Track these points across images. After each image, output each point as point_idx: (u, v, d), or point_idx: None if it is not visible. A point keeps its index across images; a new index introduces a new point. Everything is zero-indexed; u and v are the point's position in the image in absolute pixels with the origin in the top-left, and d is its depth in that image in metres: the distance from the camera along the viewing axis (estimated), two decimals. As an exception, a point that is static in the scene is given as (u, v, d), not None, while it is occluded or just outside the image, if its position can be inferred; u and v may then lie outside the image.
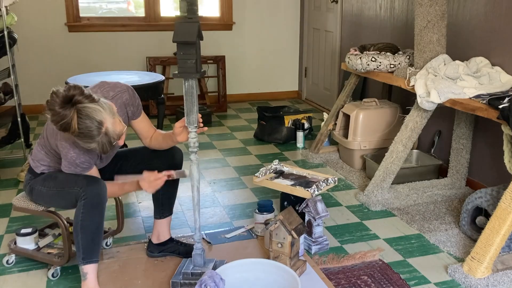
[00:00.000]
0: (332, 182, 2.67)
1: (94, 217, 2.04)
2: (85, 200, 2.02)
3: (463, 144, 3.22)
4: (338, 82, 5.17)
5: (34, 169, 2.19)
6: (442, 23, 3.06)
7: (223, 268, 2.03)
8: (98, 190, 2.04)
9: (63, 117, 1.83)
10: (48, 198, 2.17)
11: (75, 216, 2.05)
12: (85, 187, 2.02)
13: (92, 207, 2.03)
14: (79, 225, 2.03)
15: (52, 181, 2.13)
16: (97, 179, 2.09)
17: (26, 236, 2.40)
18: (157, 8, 5.45)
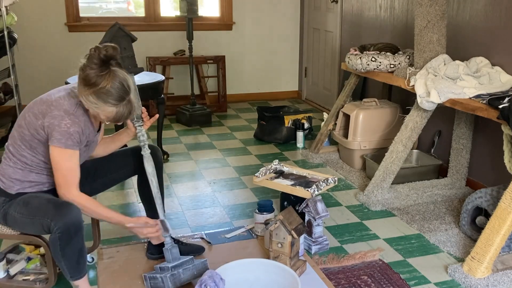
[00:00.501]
0: (332, 182, 2.67)
1: (73, 246, 1.94)
2: (60, 234, 1.89)
3: (463, 144, 3.22)
4: (338, 82, 5.17)
5: (7, 190, 2.02)
6: (442, 23, 3.06)
7: (223, 268, 2.03)
8: (71, 220, 1.90)
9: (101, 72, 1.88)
10: (21, 225, 2.02)
11: (52, 245, 1.93)
12: (56, 220, 1.88)
13: (70, 237, 1.91)
14: (59, 254, 1.94)
15: (24, 207, 1.98)
16: (68, 203, 1.95)
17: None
18: (157, 8, 5.45)
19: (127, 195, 3.27)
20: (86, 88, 1.90)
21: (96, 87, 1.88)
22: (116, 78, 1.90)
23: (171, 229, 2.22)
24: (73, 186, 1.99)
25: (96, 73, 1.88)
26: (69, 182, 1.98)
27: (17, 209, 2.00)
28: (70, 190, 1.98)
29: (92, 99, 1.91)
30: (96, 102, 1.91)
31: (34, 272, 2.24)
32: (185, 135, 4.64)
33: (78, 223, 1.92)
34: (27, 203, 1.99)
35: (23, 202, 2.00)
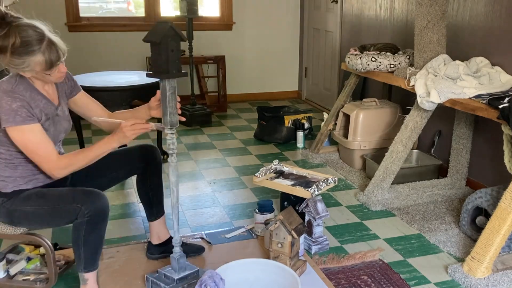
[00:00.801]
0: (332, 182, 2.67)
1: (98, 232, 1.96)
2: (88, 218, 1.90)
3: (463, 144, 3.22)
4: (338, 82, 5.17)
5: (2, 190, 1.99)
6: (442, 23, 3.06)
7: (223, 268, 2.03)
8: (102, 206, 1.92)
9: (1, 31, 1.81)
10: (36, 218, 1.99)
11: (76, 231, 1.94)
12: (88, 204, 1.89)
13: (97, 223, 1.93)
14: (81, 240, 1.94)
15: (40, 199, 1.97)
16: (97, 191, 1.95)
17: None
18: (157, 8, 5.45)
19: (127, 195, 3.27)
20: (3, 56, 1.84)
21: (10, 47, 1.81)
22: (21, 27, 1.84)
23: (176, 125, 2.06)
24: (50, 157, 1.92)
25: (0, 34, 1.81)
26: (44, 156, 1.91)
27: (29, 203, 1.97)
28: (50, 161, 1.92)
29: (17, 60, 1.83)
30: (22, 61, 1.83)
31: (34, 272, 2.23)
32: (185, 135, 4.64)
33: (107, 209, 1.94)
34: (43, 195, 1.97)
35: (36, 195, 1.98)
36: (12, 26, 1.84)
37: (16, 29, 1.83)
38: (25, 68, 1.86)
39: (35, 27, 1.88)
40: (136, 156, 2.27)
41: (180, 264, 2.14)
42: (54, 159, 1.92)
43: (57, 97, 2.08)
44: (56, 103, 2.06)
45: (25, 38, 1.83)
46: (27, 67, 1.86)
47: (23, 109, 1.86)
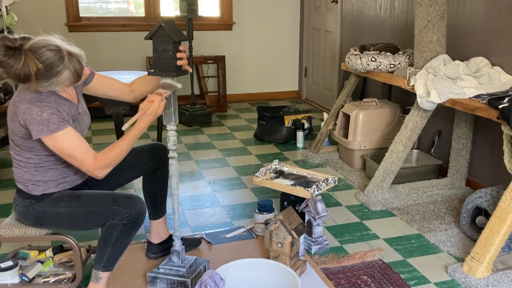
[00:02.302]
0: (332, 182, 2.67)
1: (130, 235, 2.01)
2: (128, 220, 1.94)
3: (463, 144, 3.22)
4: (338, 82, 5.17)
5: (31, 192, 2.01)
6: (442, 23, 3.06)
7: (223, 268, 2.03)
8: (142, 211, 1.97)
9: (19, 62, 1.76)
10: (68, 219, 2.00)
11: (108, 230, 1.96)
12: (130, 208, 1.93)
13: (133, 227, 1.98)
14: (112, 240, 1.97)
15: (74, 201, 2.00)
16: (137, 197, 1.99)
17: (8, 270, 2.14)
18: (157, 8, 5.45)
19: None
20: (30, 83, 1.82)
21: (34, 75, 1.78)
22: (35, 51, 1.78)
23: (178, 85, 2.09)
24: (88, 159, 1.91)
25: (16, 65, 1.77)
26: (82, 158, 1.91)
27: (61, 204, 1.98)
28: (89, 163, 1.91)
29: (45, 83, 1.81)
30: (50, 82, 1.81)
31: (52, 273, 2.25)
32: (185, 135, 4.64)
33: (144, 216, 1.99)
34: (77, 197, 2.00)
35: (69, 197, 2.00)
36: (24, 51, 1.79)
37: (32, 55, 1.79)
38: (54, 86, 1.85)
39: (49, 46, 1.82)
40: (148, 156, 2.30)
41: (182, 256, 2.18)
42: (92, 160, 1.92)
43: (76, 95, 2.09)
44: (76, 102, 2.07)
45: (46, 62, 1.78)
46: (56, 85, 1.85)
47: (54, 116, 1.86)
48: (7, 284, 2.13)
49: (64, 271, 2.25)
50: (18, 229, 2.08)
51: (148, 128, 2.31)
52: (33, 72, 1.77)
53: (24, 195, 2.03)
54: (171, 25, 1.96)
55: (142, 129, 1.98)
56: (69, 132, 1.90)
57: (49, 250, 2.36)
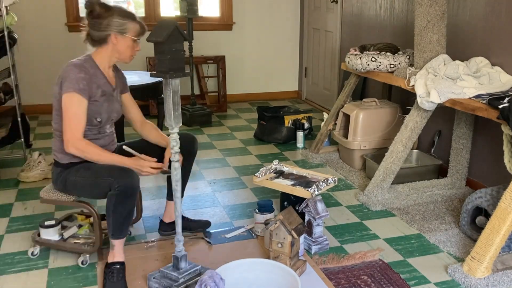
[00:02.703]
0: (332, 182, 2.67)
1: (125, 205, 2.16)
2: (118, 191, 2.11)
3: (463, 144, 3.22)
4: (338, 82, 5.17)
5: (60, 161, 2.30)
6: (442, 23, 3.06)
7: (223, 268, 2.03)
8: (131, 182, 2.13)
9: None
10: (82, 188, 2.26)
11: (108, 200, 2.15)
12: (118, 179, 2.11)
13: (125, 197, 2.13)
14: (111, 209, 2.15)
15: (86, 171, 2.23)
16: (130, 170, 2.17)
17: (50, 228, 2.49)
18: (157, 8, 5.45)
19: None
20: (108, 16, 2.21)
21: (117, 10, 2.22)
22: None
23: None
24: (77, 132, 2.16)
25: None
26: (73, 128, 2.15)
27: (78, 173, 2.24)
28: (73, 136, 2.15)
29: (119, 21, 2.21)
30: (124, 22, 2.21)
31: (84, 237, 2.53)
32: (185, 135, 4.63)
33: (135, 187, 2.15)
34: (89, 167, 2.23)
35: (84, 168, 2.24)
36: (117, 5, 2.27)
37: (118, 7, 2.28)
38: (122, 29, 2.22)
39: None
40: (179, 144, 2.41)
41: (182, 262, 2.17)
42: (77, 136, 2.17)
43: (115, 82, 2.39)
44: (114, 85, 2.37)
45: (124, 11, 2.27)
46: (124, 29, 2.22)
47: (84, 81, 2.17)
48: (50, 239, 2.50)
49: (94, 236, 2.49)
50: (54, 193, 2.39)
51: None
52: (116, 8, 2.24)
53: (56, 163, 2.34)
54: None
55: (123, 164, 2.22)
56: (83, 102, 2.17)
57: None
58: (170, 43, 1.95)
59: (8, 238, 2.70)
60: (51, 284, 2.29)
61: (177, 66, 2.00)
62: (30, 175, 3.46)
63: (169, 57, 1.96)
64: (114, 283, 2.20)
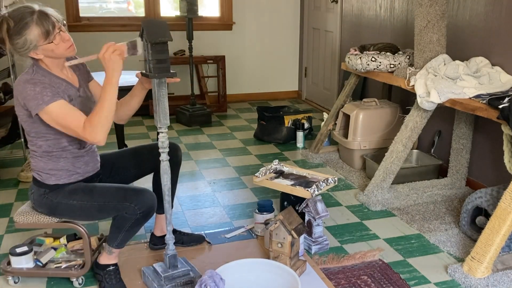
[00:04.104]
0: (332, 182, 2.67)
1: (140, 225, 2.13)
2: (140, 215, 2.06)
3: (463, 144, 3.22)
4: (338, 82, 5.17)
5: (45, 181, 2.11)
6: (442, 23, 3.06)
7: (223, 268, 2.03)
8: (152, 203, 2.08)
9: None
10: (82, 212, 2.11)
11: (122, 220, 2.08)
12: (140, 204, 2.04)
13: (145, 219, 2.10)
14: (125, 228, 2.10)
15: (87, 195, 2.09)
16: (146, 191, 2.08)
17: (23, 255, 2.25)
18: (157, 8, 5.45)
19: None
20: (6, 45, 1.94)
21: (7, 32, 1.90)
22: (12, 11, 1.93)
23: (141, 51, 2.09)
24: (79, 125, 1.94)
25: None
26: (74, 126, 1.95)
27: (75, 198, 2.09)
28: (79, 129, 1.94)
29: (18, 41, 1.91)
30: (23, 38, 1.90)
31: (64, 260, 2.35)
32: (185, 135, 4.64)
33: (154, 208, 2.10)
34: (90, 191, 2.10)
35: (82, 191, 2.10)
36: (4, 17, 1.92)
37: (8, 15, 1.92)
38: (29, 46, 1.93)
39: (25, 5, 1.93)
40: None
41: (171, 261, 2.19)
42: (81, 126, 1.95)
43: (78, 80, 2.17)
44: (77, 85, 2.15)
45: (17, 16, 1.90)
46: (30, 45, 1.92)
47: (46, 89, 1.94)
48: (22, 268, 2.25)
49: (76, 258, 2.35)
50: (32, 216, 2.18)
51: (148, 128, 2.35)
52: (5, 29, 1.90)
53: (38, 183, 2.13)
54: None
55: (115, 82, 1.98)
56: (62, 103, 1.95)
57: (63, 238, 2.47)
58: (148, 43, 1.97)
59: (8, 238, 2.70)
60: (51, 284, 2.29)
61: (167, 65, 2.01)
62: (30, 175, 3.46)
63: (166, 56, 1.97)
64: (114, 285, 2.19)
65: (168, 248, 2.18)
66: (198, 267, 2.31)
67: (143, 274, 2.26)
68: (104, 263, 2.22)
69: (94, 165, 2.23)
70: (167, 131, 2.09)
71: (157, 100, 2.01)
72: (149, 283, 2.19)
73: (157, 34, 1.93)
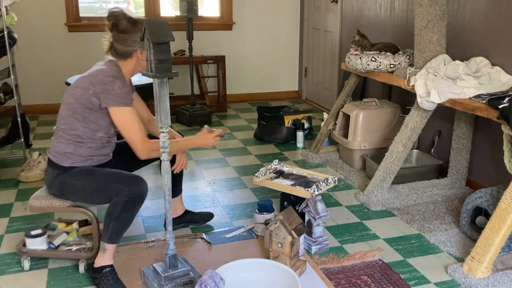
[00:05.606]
0: (332, 182, 2.67)
1: (131, 213, 2.17)
2: (128, 198, 2.10)
3: (463, 144, 3.22)
4: (338, 82, 5.17)
5: (60, 163, 2.24)
6: (442, 23, 3.06)
7: (223, 268, 2.03)
8: (141, 190, 2.13)
9: None
10: (83, 193, 2.23)
11: (113, 206, 2.14)
12: (130, 186, 2.11)
13: (133, 204, 2.14)
14: (115, 215, 2.14)
15: (89, 176, 2.20)
16: (140, 178, 2.16)
17: (38, 237, 2.40)
18: (157, 8, 5.45)
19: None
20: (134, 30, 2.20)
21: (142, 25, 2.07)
22: None
23: None
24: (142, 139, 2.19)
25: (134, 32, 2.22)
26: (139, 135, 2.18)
27: (79, 178, 2.21)
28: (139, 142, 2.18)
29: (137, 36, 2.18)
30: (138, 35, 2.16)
31: (76, 243, 2.48)
32: (185, 135, 4.62)
33: (145, 195, 2.15)
34: (92, 172, 2.22)
35: (86, 172, 2.22)
36: None
37: None
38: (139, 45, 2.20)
39: None
40: None
41: (171, 261, 2.18)
42: (144, 140, 2.20)
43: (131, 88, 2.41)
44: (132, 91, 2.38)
45: None
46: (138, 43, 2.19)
47: (129, 94, 2.21)
48: (37, 249, 2.40)
49: (86, 241, 2.47)
50: (46, 200, 2.32)
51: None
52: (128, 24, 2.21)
53: (53, 165, 2.27)
54: None
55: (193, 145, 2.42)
56: (134, 111, 2.22)
57: (76, 223, 2.59)
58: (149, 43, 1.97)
59: (8, 238, 2.70)
60: (51, 284, 2.29)
61: None
62: (30, 175, 3.46)
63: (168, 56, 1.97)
64: (112, 285, 2.19)
65: (168, 248, 2.18)
66: (198, 267, 2.32)
67: (143, 274, 2.26)
68: (100, 265, 2.22)
69: (108, 154, 2.38)
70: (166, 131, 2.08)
71: (158, 100, 2.01)
72: (149, 283, 2.19)
73: (159, 34, 1.93)
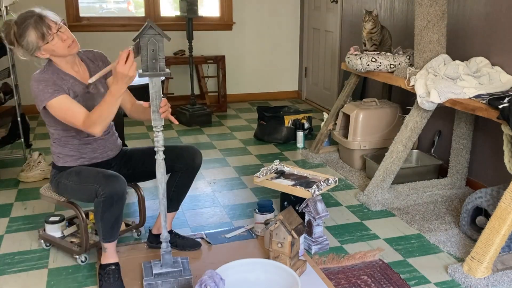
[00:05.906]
0: (332, 182, 2.67)
1: (112, 212, 2.13)
2: (104, 198, 2.08)
3: (463, 144, 3.22)
4: (338, 82, 5.17)
5: (56, 163, 2.34)
6: (442, 23, 3.06)
7: (223, 268, 2.03)
8: (116, 189, 2.09)
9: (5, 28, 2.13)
10: (72, 192, 2.28)
11: (95, 207, 2.14)
12: (104, 185, 2.09)
13: (110, 204, 2.10)
14: (99, 216, 2.14)
15: (76, 176, 2.24)
16: (116, 175, 2.13)
17: (54, 224, 2.54)
18: (157, 8, 5.45)
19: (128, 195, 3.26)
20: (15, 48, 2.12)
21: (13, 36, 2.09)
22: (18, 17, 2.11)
23: None
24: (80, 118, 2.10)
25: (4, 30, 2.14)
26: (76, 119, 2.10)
27: (69, 178, 2.26)
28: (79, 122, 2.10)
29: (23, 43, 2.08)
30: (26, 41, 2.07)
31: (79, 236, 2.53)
32: (185, 135, 4.64)
33: (121, 193, 2.11)
34: (79, 172, 2.24)
35: (75, 172, 2.26)
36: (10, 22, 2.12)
37: (14, 21, 2.10)
38: (32, 47, 2.10)
39: (28, 10, 2.11)
40: (179, 157, 2.39)
41: (165, 260, 2.18)
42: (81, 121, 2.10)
43: (89, 77, 2.28)
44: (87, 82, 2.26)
45: (19, 21, 2.08)
46: (33, 46, 2.09)
47: (48, 87, 2.12)
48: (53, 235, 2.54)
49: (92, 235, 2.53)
50: (50, 192, 2.44)
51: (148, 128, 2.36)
52: (12, 33, 2.09)
53: (53, 165, 2.38)
54: None
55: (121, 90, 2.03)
56: (62, 99, 2.12)
57: None
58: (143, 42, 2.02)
59: (8, 238, 2.70)
60: (51, 284, 2.29)
61: None
62: (30, 175, 3.46)
63: None
64: (111, 284, 2.20)
65: (163, 247, 2.18)
66: (198, 267, 2.32)
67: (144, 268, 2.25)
68: (104, 262, 2.25)
69: (103, 152, 2.36)
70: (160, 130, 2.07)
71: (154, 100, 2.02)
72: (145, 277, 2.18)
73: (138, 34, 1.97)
